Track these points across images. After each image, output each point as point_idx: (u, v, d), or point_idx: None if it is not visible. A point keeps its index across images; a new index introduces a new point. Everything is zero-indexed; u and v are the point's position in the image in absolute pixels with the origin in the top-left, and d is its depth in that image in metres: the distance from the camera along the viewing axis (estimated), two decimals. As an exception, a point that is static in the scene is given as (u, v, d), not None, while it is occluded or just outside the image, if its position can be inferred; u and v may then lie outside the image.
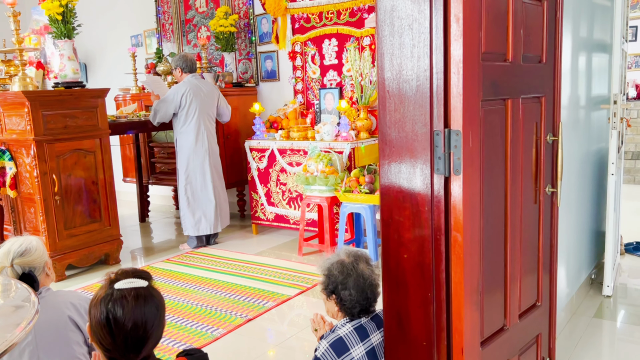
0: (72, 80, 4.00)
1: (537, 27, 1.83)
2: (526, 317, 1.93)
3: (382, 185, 1.62)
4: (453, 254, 1.51)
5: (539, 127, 1.91)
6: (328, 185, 4.10)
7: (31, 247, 1.92)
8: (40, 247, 1.96)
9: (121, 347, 1.36)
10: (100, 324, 1.36)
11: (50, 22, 3.94)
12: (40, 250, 1.95)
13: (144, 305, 1.39)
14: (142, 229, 5.69)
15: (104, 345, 1.38)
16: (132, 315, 1.36)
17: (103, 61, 7.18)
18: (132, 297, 1.38)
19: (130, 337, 1.36)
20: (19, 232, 4.15)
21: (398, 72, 1.54)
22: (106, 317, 1.35)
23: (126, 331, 1.35)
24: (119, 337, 1.35)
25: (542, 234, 1.99)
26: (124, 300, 1.37)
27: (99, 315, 1.36)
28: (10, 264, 1.87)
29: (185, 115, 4.50)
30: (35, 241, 1.95)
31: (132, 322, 1.36)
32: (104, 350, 1.39)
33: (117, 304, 1.36)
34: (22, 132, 3.84)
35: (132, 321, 1.36)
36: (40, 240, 2.00)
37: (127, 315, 1.35)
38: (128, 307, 1.36)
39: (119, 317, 1.35)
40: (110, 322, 1.35)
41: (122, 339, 1.36)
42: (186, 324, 3.17)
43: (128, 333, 1.36)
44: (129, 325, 1.35)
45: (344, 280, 1.82)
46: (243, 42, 5.60)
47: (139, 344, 1.38)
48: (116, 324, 1.35)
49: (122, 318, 1.35)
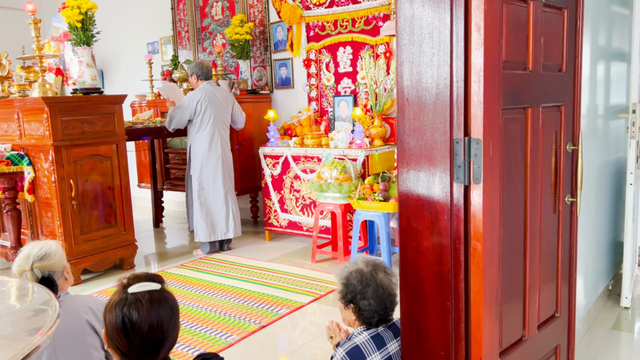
0: (90, 87, 4.06)
1: (557, 35, 1.82)
2: (545, 328, 1.90)
3: (401, 193, 1.61)
4: (472, 263, 1.50)
5: (558, 136, 1.89)
6: (342, 192, 4.09)
7: (51, 251, 1.94)
8: (60, 251, 1.98)
9: (138, 351, 1.37)
10: (117, 328, 1.37)
11: (70, 30, 4.00)
12: (60, 255, 1.97)
13: (158, 307, 1.40)
14: (156, 234, 5.73)
15: (120, 350, 1.38)
16: (148, 317, 1.37)
17: (119, 68, 7.27)
18: (147, 300, 1.40)
19: (146, 340, 1.37)
20: (36, 236, 4.20)
21: (417, 80, 1.53)
22: (122, 321, 1.36)
23: (143, 334, 1.36)
24: (135, 340, 1.36)
25: (562, 244, 1.97)
26: (138, 304, 1.38)
27: (115, 320, 1.37)
28: (30, 267, 1.89)
29: (200, 121, 4.53)
30: (54, 245, 1.97)
31: (148, 325, 1.37)
32: (121, 355, 1.39)
33: (132, 308, 1.37)
34: (40, 137, 3.89)
35: (148, 323, 1.37)
36: (59, 244, 2.02)
37: (143, 318, 1.36)
38: (143, 309, 1.37)
39: (134, 320, 1.36)
40: (127, 325, 1.36)
41: (139, 342, 1.36)
42: (200, 329, 3.18)
43: (144, 336, 1.36)
44: (145, 328, 1.36)
45: (363, 290, 1.81)
46: (258, 50, 5.64)
47: (155, 346, 1.39)
48: (132, 327, 1.36)
49: (137, 321, 1.36)
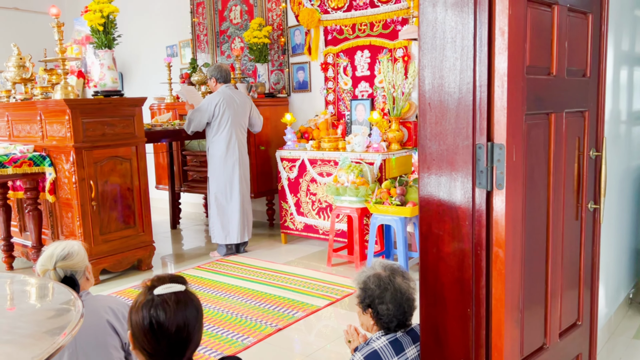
0: (111, 89, 4.11)
1: (581, 40, 1.80)
2: (566, 336, 1.88)
3: (421, 198, 1.61)
4: (494, 269, 1.49)
5: (581, 141, 1.87)
6: (358, 196, 4.09)
7: (73, 251, 1.97)
8: (82, 251, 2.01)
9: (165, 351, 1.39)
10: (144, 329, 1.38)
11: (92, 33, 4.06)
12: (82, 255, 2.00)
13: (185, 308, 1.42)
14: (173, 235, 5.77)
15: (147, 351, 1.40)
16: (175, 319, 1.39)
17: (139, 71, 7.36)
18: (173, 301, 1.41)
19: (173, 341, 1.39)
20: (56, 237, 4.26)
21: (440, 84, 1.53)
22: (149, 322, 1.38)
23: (170, 335, 1.38)
24: (163, 341, 1.38)
25: (584, 251, 1.94)
26: (165, 305, 1.40)
27: (142, 322, 1.39)
28: (53, 267, 1.92)
29: (218, 124, 4.57)
30: (77, 245, 2.00)
31: (175, 326, 1.38)
32: (147, 356, 1.41)
33: (160, 309, 1.39)
34: (62, 138, 3.95)
35: (175, 325, 1.38)
36: (82, 245, 2.05)
37: (170, 319, 1.38)
38: (170, 311, 1.39)
39: (162, 322, 1.37)
40: (154, 327, 1.37)
41: (166, 343, 1.38)
42: (217, 331, 3.19)
43: (172, 337, 1.38)
44: (173, 329, 1.38)
45: (381, 295, 1.80)
46: (276, 54, 5.67)
47: (182, 347, 1.41)
48: (160, 329, 1.37)
49: (165, 322, 1.38)
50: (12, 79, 4.46)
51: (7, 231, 4.54)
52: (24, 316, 1.68)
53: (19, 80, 4.45)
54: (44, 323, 1.57)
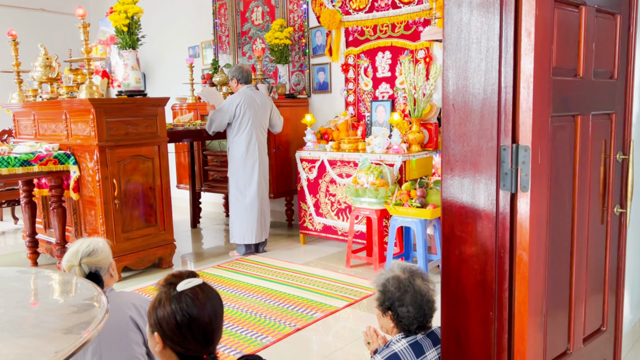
0: (134, 89, 4.17)
1: (609, 41, 1.77)
2: (590, 342, 1.85)
3: (444, 199, 1.60)
4: (517, 273, 1.47)
5: (608, 144, 1.84)
6: (378, 197, 4.08)
7: (98, 247, 2.00)
8: (107, 248, 2.04)
9: (201, 342, 1.43)
10: (177, 325, 1.41)
11: (117, 33, 4.12)
12: (106, 252, 2.03)
13: (211, 299, 1.47)
14: (193, 234, 5.82)
15: (181, 346, 1.42)
16: (206, 310, 1.43)
17: (161, 71, 7.44)
18: (200, 294, 1.46)
19: (208, 332, 1.43)
20: (79, 234, 4.33)
21: (464, 85, 1.52)
22: (182, 317, 1.41)
23: (205, 326, 1.42)
24: (199, 333, 1.42)
25: (609, 255, 1.91)
26: (194, 298, 1.43)
27: (173, 318, 1.41)
28: (78, 263, 1.95)
29: (239, 125, 4.60)
30: (101, 242, 2.03)
31: (208, 317, 1.43)
32: (183, 350, 1.43)
33: (189, 303, 1.42)
34: (86, 137, 4.02)
35: (208, 316, 1.43)
36: (106, 242, 2.08)
37: (202, 311, 1.42)
38: (200, 303, 1.43)
39: (194, 315, 1.41)
40: (187, 321, 1.41)
41: (202, 334, 1.42)
42: (236, 330, 3.21)
43: (206, 328, 1.43)
44: (206, 320, 1.42)
45: (401, 297, 1.79)
46: (297, 55, 5.69)
47: (214, 335, 1.46)
48: (194, 322, 1.41)
49: (198, 315, 1.42)
50: (38, 78, 4.55)
51: (32, 228, 4.63)
52: (50, 310, 1.72)
53: (45, 79, 4.54)
54: (69, 318, 1.60)
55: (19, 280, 2.17)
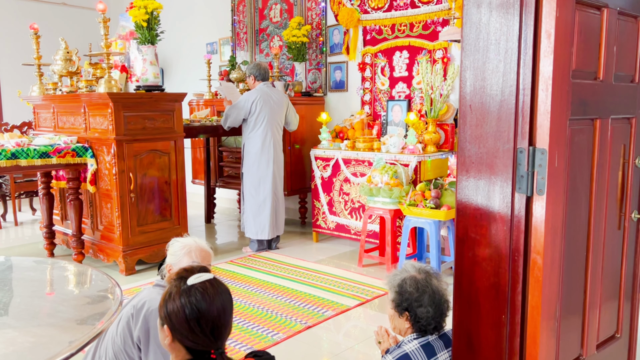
0: (152, 84, 4.20)
1: (631, 45, 1.75)
2: (604, 348, 1.83)
3: (459, 201, 1.59)
4: (531, 276, 1.46)
5: (627, 149, 1.81)
6: (392, 197, 4.06)
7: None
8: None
9: (209, 336, 1.43)
10: (186, 318, 1.41)
11: (136, 29, 4.16)
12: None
13: (220, 294, 1.47)
14: (207, 229, 5.86)
15: (190, 340, 1.43)
16: (215, 305, 1.44)
17: (179, 67, 7.50)
18: (210, 288, 1.46)
19: (216, 327, 1.44)
20: (95, 226, 4.38)
21: (481, 87, 1.51)
22: (191, 310, 1.41)
23: (213, 320, 1.43)
24: (207, 328, 1.42)
25: (625, 262, 1.88)
26: (204, 293, 1.44)
27: (182, 312, 1.42)
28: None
29: (255, 121, 4.61)
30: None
31: (217, 311, 1.43)
32: (192, 344, 1.44)
33: (199, 297, 1.43)
34: (104, 131, 4.07)
35: (216, 310, 1.44)
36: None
37: (211, 306, 1.43)
38: (209, 297, 1.44)
39: (203, 309, 1.42)
40: (196, 315, 1.41)
41: (210, 329, 1.42)
42: (247, 325, 3.23)
43: (214, 321, 1.43)
44: (214, 314, 1.43)
45: (420, 297, 1.79)
46: (314, 53, 5.69)
47: (223, 330, 1.46)
48: (202, 316, 1.42)
49: (206, 309, 1.42)
50: (59, 71, 4.62)
51: (50, 219, 4.70)
52: (65, 301, 1.75)
53: (65, 73, 4.60)
54: (84, 308, 1.62)
55: (35, 270, 2.21)
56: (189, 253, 2.00)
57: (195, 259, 2.00)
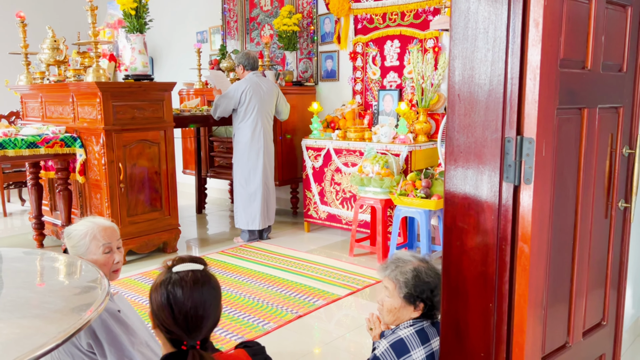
0: (141, 73, 4.16)
1: (619, 34, 1.75)
2: (590, 335, 1.84)
3: (447, 190, 1.59)
4: (518, 265, 1.47)
5: (614, 138, 1.82)
6: (383, 187, 4.07)
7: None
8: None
9: (182, 327, 1.42)
10: (162, 305, 1.43)
11: (124, 17, 4.11)
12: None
13: (201, 287, 1.46)
14: (198, 220, 5.85)
15: (165, 327, 1.44)
16: (191, 295, 1.43)
17: (169, 56, 7.43)
18: (190, 279, 1.46)
19: (190, 317, 1.42)
20: (84, 217, 4.36)
21: (470, 76, 1.50)
22: (167, 298, 1.42)
23: (186, 311, 1.41)
24: (179, 316, 1.41)
25: (612, 250, 1.90)
26: (182, 282, 1.44)
27: (160, 298, 1.44)
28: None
29: (244, 111, 4.59)
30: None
31: (192, 302, 1.42)
32: (165, 332, 1.45)
33: (177, 286, 1.43)
34: (93, 121, 4.03)
35: (192, 301, 1.42)
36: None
37: (187, 295, 1.42)
38: (187, 288, 1.43)
39: (178, 298, 1.42)
40: (171, 302, 1.42)
41: (182, 319, 1.42)
42: (238, 315, 3.23)
43: (188, 312, 1.42)
44: (189, 305, 1.42)
45: (438, 285, 1.79)
46: (305, 42, 5.66)
47: (198, 324, 1.44)
48: (176, 304, 1.41)
49: (181, 298, 1.42)
50: (46, 60, 4.56)
51: (39, 210, 4.67)
52: (52, 292, 1.73)
53: (52, 62, 4.55)
54: (71, 299, 1.62)
55: (24, 261, 2.19)
56: (94, 238, 1.95)
57: (103, 240, 1.96)
